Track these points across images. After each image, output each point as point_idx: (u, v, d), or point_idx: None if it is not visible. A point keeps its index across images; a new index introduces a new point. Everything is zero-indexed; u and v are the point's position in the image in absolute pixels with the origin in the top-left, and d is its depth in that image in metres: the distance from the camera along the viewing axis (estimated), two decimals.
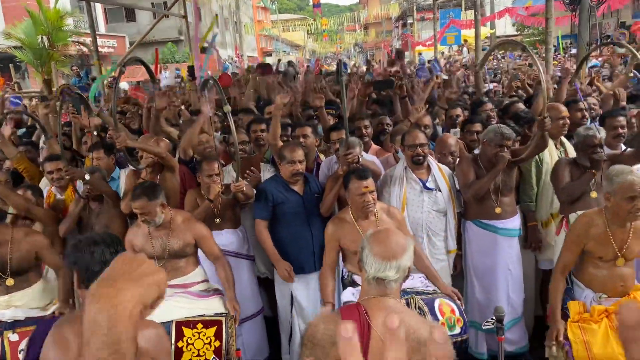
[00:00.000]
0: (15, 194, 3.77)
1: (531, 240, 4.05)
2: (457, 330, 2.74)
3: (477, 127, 4.52)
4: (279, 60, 14.19)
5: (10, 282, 3.16)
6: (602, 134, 3.83)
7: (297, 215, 3.72)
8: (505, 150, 3.61)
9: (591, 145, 3.59)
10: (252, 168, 4.10)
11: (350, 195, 3.18)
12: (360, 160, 3.62)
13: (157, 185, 3.39)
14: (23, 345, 2.69)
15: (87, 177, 3.76)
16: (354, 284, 3.10)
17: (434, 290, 3.00)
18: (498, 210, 3.73)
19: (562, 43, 19.62)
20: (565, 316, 2.98)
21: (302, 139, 4.14)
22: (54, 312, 3.13)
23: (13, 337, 2.77)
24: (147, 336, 1.92)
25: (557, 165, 3.80)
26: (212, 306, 3.02)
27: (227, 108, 3.66)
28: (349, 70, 10.16)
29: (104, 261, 2.01)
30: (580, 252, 2.98)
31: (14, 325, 2.84)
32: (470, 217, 3.86)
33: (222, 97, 3.82)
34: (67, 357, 1.88)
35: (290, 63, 12.50)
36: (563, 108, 4.13)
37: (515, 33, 34.04)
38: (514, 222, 3.83)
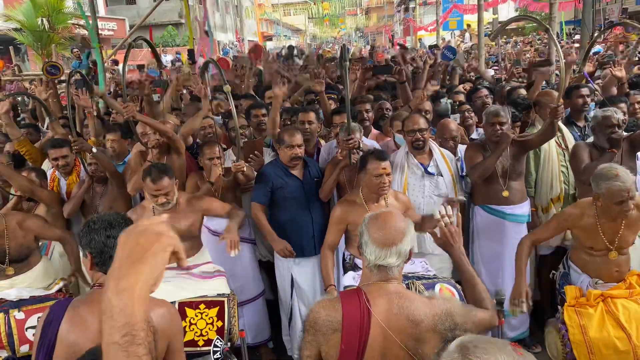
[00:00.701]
0: (20, 175, 3.79)
1: (529, 226, 4.08)
2: None
3: (466, 106, 4.83)
4: (292, 47, 14.04)
5: (10, 271, 3.19)
6: (619, 115, 3.81)
7: (297, 199, 3.74)
8: (502, 127, 3.66)
9: (609, 125, 3.61)
10: (255, 152, 4.12)
11: (367, 176, 3.17)
12: (361, 145, 3.63)
13: (169, 165, 3.41)
14: (29, 322, 2.73)
15: (94, 149, 3.78)
16: (355, 267, 3.14)
17: (434, 275, 3.03)
18: (505, 193, 3.74)
19: (565, 29, 19.49)
20: (562, 300, 3.02)
21: (306, 125, 4.15)
22: (60, 290, 3.18)
23: (19, 315, 2.81)
24: (160, 314, 1.93)
25: (576, 148, 3.80)
26: (215, 287, 3.05)
27: (227, 88, 3.67)
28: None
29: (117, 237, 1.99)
30: (557, 234, 3.08)
31: (19, 304, 2.88)
32: (479, 202, 3.88)
33: (222, 77, 3.83)
34: (86, 336, 1.89)
35: (290, 48, 12.43)
36: (554, 93, 4.13)
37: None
38: (523, 208, 3.84)
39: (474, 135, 4.73)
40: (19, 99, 6.58)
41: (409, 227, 1.97)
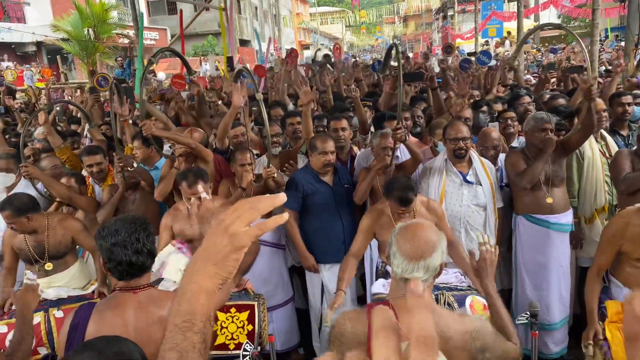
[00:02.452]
0: (59, 183, 3.92)
1: (572, 237, 3.95)
2: None
3: (511, 114, 4.61)
4: (317, 51, 14.18)
5: (49, 266, 3.32)
6: None
7: (327, 205, 3.74)
8: (550, 134, 3.56)
9: None
10: (290, 161, 4.14)
11: (390, 206, 3.17)
12: (407, 139, 3.60)
13: (204, 170, 3.48)
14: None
15: (135, 164, 3.87)
16: (386, 274, 3.11)
17: (468, 286, 2.96)
18: (549, 200, 3.63)
19: (610, 35, 18.89)
20: (603, 316, 2.89)
21: (340, 132, 4.15)
22: (93, 291, 3.27)
23: (58, 313, 2.92)
24: None
25: (618, 155, 3.65)
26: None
27: (259, 96, 3.71)
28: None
29: (124, 246, 2.04)
30: (616, 253, 2.89)
31: (58, 303, 2.99)
32: (521, 212, 3.77)
33: (255, 85, 3.87)
34: None
35: (326, 56, 12.48)
36: (600, 101, 3.99)
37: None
38: (567, 217, 3.73)
39: (514, 144, 4.61)
40: (57, 108, 6.83)
41: (440, 240, 1.86)
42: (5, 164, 4.11)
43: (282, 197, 0.93)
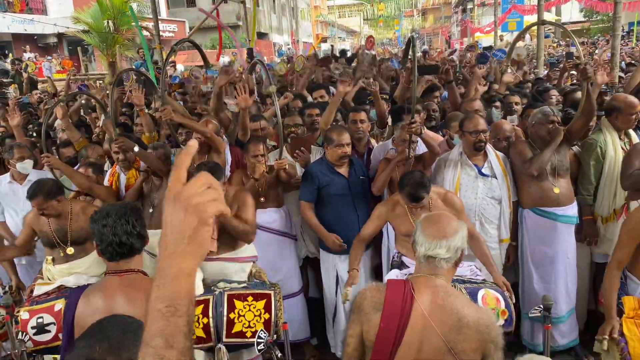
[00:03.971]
0: (79, 173, 4.02)
1: (586, 234, 3.91)
2: (501, 322, 2.70)
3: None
4: (332, 46, 14.17)
5: (70, 250, 3.43)
6: None
7: (343, 197, 3.77)
8: (557, 126, 3.61)
9: None
10: (302, 148, 4.17)
11: (403, 200, 3.19)
12: (423, 132, 3.60)
13: (219, 165, 3.53)
14: None
15: (135, 149, 3.92)
16: (402, 265, 3.14)
17: (482, 280, 2.97)
18: (556, 190, 3.65)
19: (636, 30, 18.50)
20: (619, 312, 2.87)
21: (358, 124, 4.17)
22: None
23: None
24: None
25: (632, 149, 3.62)
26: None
27: (273, 88, 3.74)
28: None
29: (114, 233, 2.16)
30: (636, 247, 2.86)
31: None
32: (528, 205, 3.77)
33: (269, 78, 3.90)
34: (95, 319, 2.04)
35: (343, 52, 12.45)
36: (636, 102, 3.81)
37: (583, 19, 32.36)
38: (573, 209, 3.75)
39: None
40: (83, 101, 6.91)
41: (462, 226, 2.02)
42: (25, 153, 4.23)
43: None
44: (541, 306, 2.72)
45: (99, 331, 1.27)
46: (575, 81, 6.74)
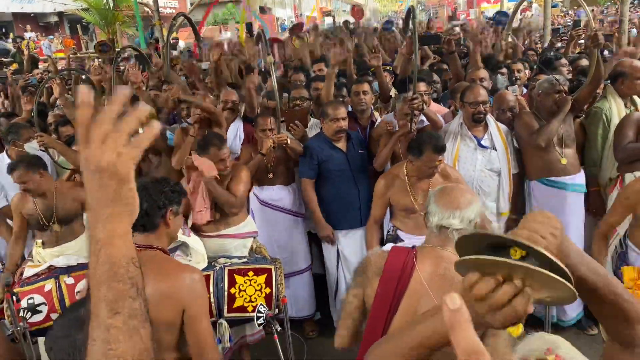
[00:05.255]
0: (73, 150, 3.99)
1: (593, 206, 3.87)
2: None
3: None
4: (334, 18, 13.92)
5: (57, 227, 3.43)
6: None
7: (342, 172, 3.73)
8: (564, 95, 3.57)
9: None
10: (295, 121, 4.09)
11: (421, 163, 3.11)
12: (425, 108, 3.57)
13: (219, 134, 3.50)
14: (79, 287, 2.91)
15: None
16: (397, 239, 3.13)
17: None
18: (564, 161, 3.61)
19: None
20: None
21: (361, 96, 4.10)
22: None
23: (69, 280, 2.98)
24: (179, 281, 1.97)
25: (625, 119, 3.56)
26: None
27: (270, 59, 3.68)
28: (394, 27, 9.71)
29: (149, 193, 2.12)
30: (630, 216, 2.83)
31: (68, 270, 3.05)
32: (535, 177, 3.72)
33: (267, 49, 3.84)
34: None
35: (346, 23, 12.22)
36: (629, 60, 3.82)
37: None
38: (581, 178, 3.72)
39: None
40: (84, 77, 6.85)
41: (475, 198, 2.00)
42: (32, 133, 4.25)
43: (146, 109, 0.83)
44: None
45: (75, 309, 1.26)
46: (582, 49, 6.58)
